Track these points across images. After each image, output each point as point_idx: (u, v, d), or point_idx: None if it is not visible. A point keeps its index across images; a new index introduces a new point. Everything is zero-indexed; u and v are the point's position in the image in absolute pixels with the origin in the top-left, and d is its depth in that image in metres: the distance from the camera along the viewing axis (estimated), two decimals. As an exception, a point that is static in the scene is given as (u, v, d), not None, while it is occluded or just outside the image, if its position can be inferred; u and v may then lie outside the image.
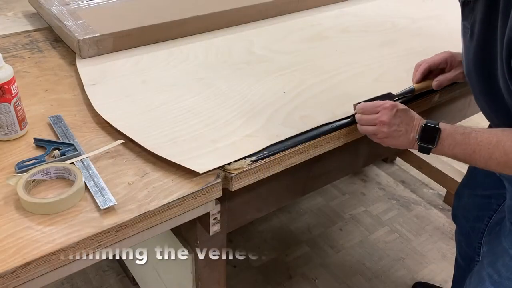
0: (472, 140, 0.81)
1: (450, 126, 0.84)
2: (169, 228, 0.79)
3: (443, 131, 0.83)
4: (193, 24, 1.25)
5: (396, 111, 0.85)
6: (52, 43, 1.22)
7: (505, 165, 0.80)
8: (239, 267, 1.72)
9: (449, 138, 0.83)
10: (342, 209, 2.02)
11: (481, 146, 0.80)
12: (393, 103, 0.86)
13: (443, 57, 0.98)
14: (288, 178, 0.97)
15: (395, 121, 0.85)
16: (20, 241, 0.65)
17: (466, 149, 0.82)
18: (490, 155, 0.80)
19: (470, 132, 0.82)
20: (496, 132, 0.81)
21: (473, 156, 0.82)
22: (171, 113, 0.94)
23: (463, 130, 0.83)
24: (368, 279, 1.71)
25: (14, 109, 0.83)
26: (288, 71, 1.11)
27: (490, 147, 0.80)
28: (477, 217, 1.19)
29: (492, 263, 0.97)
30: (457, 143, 0.83)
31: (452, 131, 0.83)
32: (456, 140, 0.83)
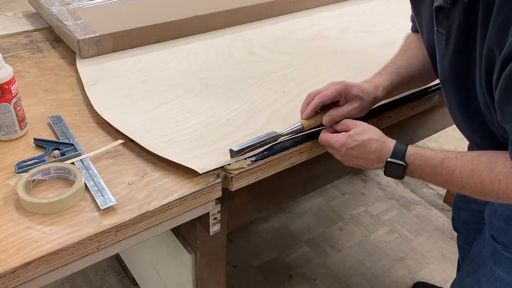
0: (443, 170, 0.78)
1: (418, 157, 0.79)
2: (169, 228, 0.79)
3: (410, 165, 0.79)
4: (193, 24, 1.25)
5: (346, 151, 0.82)
6: (52, 43, 1.22)
7: (480, 193, 0.77)
8: (239, 267, 1.72)
9: (419, 170, 0.80)
10: (342, 209, 2.02)
11: (454, 176, 0.77)
12: (342, 142, 0.82)
13: (337, 90, 0.87)
14: (288, 178, 0.97)
15: (348, 159, 0.84)
16: (20, 241, 0.65)
17: (438, 179, 0.79)
18: (463, 184, 0.77)
19: (442, 161, 0.78)
20: (471, 159, 0.76)
21: (446, 184, 0.80)
22: (171, 113, 0.94)
23: (433, 159, 0.78)
24: (368, 279, 1.71)
25: (14, 109, 0.83)
26: (288, 71, 1.11)
27: (463, 177, 0.76)
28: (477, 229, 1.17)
29: (472, 273, 0.96)
30: (428, 174, 0.80)
31: (422, 164, 0.79)
32: (426, 171, 0.79)
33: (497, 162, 0.74)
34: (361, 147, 0.81)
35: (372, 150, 0.81)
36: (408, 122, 1.13)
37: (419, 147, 0.81)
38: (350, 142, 0.82)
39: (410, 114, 1.06)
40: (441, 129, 1.34)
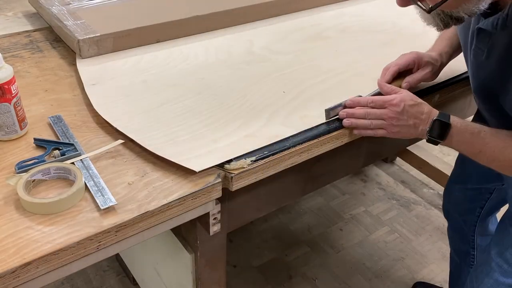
0: (480, 140, 0.84)
1: (461, 122, 0.86)
2: (169, 228, 0.79)
3: (453, 127, 0.85)
4: (193, 24, 1.25)
5: (404, 107, 0.86)
6: (52, 43, 1.22)
7: (507, 169, 0.85)
8: (239, 267, 1.72)
9: (459, 135, 0.85)
10: (342, 209, 2.02)
11: (488, 148, 0.83)
12: (401, 98, 0.87)
13: (411, 58, 0.99)
14: (288, 178, 0.97)
15: (403, 117, 0.86)
16: (20, 241, 0.65)
17: (473, 148, 0.85)
18: (494, 158, 0.84)
19: (479, 132, 0.84)
20: (504, 136, 0.83)
21: (478, 155, 0.86)
22: (171, 113, 0.94)
23: (472, 128, 0.85)
24: (368, 279, 1.71)
25: (14, 109, 0.83)
26: (288, 71, 1.11)
27: (495, 151, 0.83)
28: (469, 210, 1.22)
29: (500, 253, 0.98)
30: (465, 141, 0.86)
31: (463, 129, 0.85)
32: (465, 138, 0.85)
33: None
34: (416, 106, 0.86)
35: (424, 110, 0.87)
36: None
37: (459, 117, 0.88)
38: (408, 100, 0.86)
39: (410, 114, 1.06)
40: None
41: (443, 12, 0.78)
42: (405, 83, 0.97)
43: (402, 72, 0.99)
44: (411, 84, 0.98)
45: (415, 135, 0.89)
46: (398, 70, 0.98)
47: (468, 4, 0.74)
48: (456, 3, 0.74)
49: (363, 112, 0.89)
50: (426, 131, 0.87)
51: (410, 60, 0.98)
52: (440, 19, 0.81)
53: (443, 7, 0.75)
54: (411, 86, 0.98)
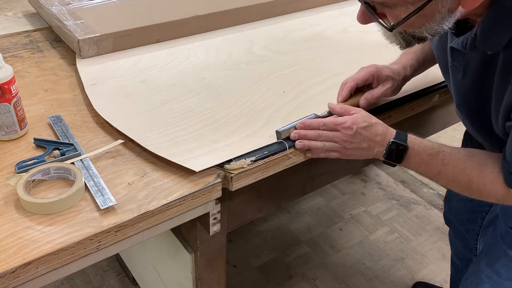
0: (439, 161, 0.81)
1: (418, 143, 0.82)
2: (169, 228, 0.79)
3: (410, 149, 0.81)
4: (193, 24, 1.25)
5: (356, 129, 0.82)
6: (52, 43, 1.22)
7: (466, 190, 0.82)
8: (239, 267, 1.72)
9: (416, 157, 0.82)
10: (342, 209, 2.02)
11: (447, 169, 0.81)
12: (353, 120, 0.82)
13: (369, 72, 0.93)
14: (288, 178, 0.97)
15: (356, 139, 0.82)
16: (20, 241, 0.65)
17: (431, 169, 0.82)
18: (453, 179, 0.81)
19: (438, 152, 0.81)
20: (463, 157, 0.81)
21: (437, 176, 0.83)
22: (171, 113, 0.94)
23: (431, 149, 0.82)
24: (368, 279, 1.71)
25: (14, 109, 0.83)
26: (288, 71, 1.11)
27: (455, 172, 0.80)
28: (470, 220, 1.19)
29: (490, 264, 0.96)
30: (423, 162, 0.82)
31: (420, 150, 0.82)
32: (423, 159, 0.82)
33: (486, 166, 0.79)
34: (369, 128, 0.82)
35: (379, 132, 0.83)
36: (408, 122, 1.13)
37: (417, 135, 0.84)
38: (361, 122, 0.82)
39: (410, 114, 1.06)
40: (441, 129, 1.34)
41: (405, 32, 0.76)
42: (363, 100, 0.93)
43: (360, 87, 0.94)
44: (369, 101, 0.93)
45: (371, 156, 0.85)
46: (356, 85, 0.93)
47: (432, 24, 0.71)
48: (419, 23, 0.71)
49: (315, 134, 0.84)
50: (382, 154, 0.83)
51: (368, 74, 0.93)
52: (402, 38, 0.78)
53: (405, 26, 0.72)
54: (370, 102, 0.93)
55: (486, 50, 0.73)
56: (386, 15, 0.73)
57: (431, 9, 0.68)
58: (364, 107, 0.92)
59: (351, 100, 0.93)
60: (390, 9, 0.71)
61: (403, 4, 0.68)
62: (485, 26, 0.71)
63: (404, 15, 0.69)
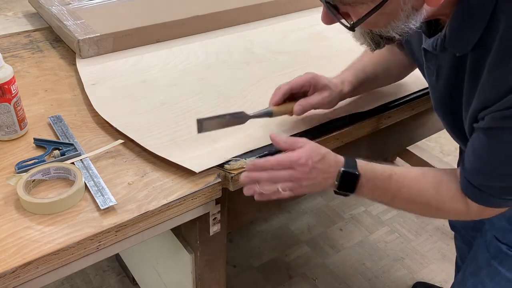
0: (392, 185, 0.78)
1: (369, 168, 0.78)
2: (169, 228, 0.79)
3: (362, 176, 0.76)
4: (193, 24, 1.25)
5: (312, 165, 0.75)
6: (52, 43, 1.22)
7: (425, 211, 0.80)
8: (239, 267, 1.72)
9: (369, 183, 0.77)
10: (342, 209, 2.02)
11: (402, 192, 0.78)
12: (307, 155, 0.75)
13: (306, 79, 0.88)
14: (288, 178, 0.97)
15: (311, 175, 0.76)
16: (20, 241, 0.66)
17: (386, 194, 0.79)
18: (411, 200, 0.78)
19: (391, 176, 0.78)
20: (418, 176, 0.78)
21: (393, 201, 0.80)
22: (171, 113, 0.94)
23: (382, 174, 0.78)
24: (368, 279, 1.71)
25: (14, 109, 0.83)
26: (288, 71, 1.11)
27: (411, 193, 0.77)
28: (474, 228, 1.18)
29: (475, 274, 0.96)
30: (377, 188, 0.78)
31: (372, 176, 0.77)
32: (376, 185, 0.78)
33: (442, 183, 0.77)
34: (323, 160, 0.76)
35: (332, 163, 0.77)
36: (408, 122, 1.13)
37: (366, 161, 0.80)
38: (314, 155, 0.75)
39: (410, 114, 1.06)
40: (441, 129, 1.34)
41: (371, 31, 0.72)
42: (298, 106, 0.87)
43: (296, 93, 0.90)
44: (304, 108, 0.88)
45: (324, 189, 0.79)
46: (290, 90, 0.88)
47: (397, 22, 0.67)
48: (383, 21, 0.68)
49: (268, 177, 0.75)
50: (335, 185, 0.77)
51: (305, 81, 0.88)
52: (370, 39, 0.74)
53: (368, 25, 0.69)
54: (305, 110, 0.88)
55: (454, 51, 0.71)
56: (350, 14, 0.70)
57: (392, 6, 0.65)
58: (298, 113, 0.88)
59: (284, 105, 0.89)
60: (351, 7, 0.68)
61: (363, 1, 0.65)
62: (452, 26, 0.69)
63: (365, 12, 0.66)
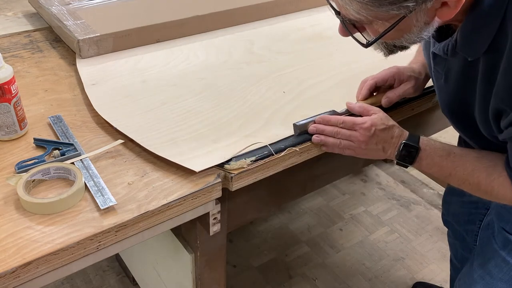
0: (449, 163, 0.82)
1: (430, 145, 0.84)
2: (169, 228, 0.79)
3: (422, 151, 0.83)
4: (193, 24, 1.25)
5: (374, 131, 0.84)
6: (52, 43, 1.22)
7: (475, 191, 0.83)
8: (239, 267, 1.72)
9: (428, 158, 0.83)
10: (342, 209, 2.02)
11: (457, 171, 0.82)
12: (372, 122, 0.84)
13: (391, 73, 0.95)
14: (288, 178, 0.97)
15: (372, 141, 0.84)
16: (20, 241, 0.65)
17: (442, 171, 0.84)
18: (464, 180, 0.82)
19: (449, 154, 0.83)
20: (473, 159, 0.82)
21: (449, 178, 0.84)
22: (171, 113, 0.94)
23: (441, 151, 0.83)
24: (368, 279, 1.71)
25: (14, 109, 0.83)
26: (288, 71, 1.11)
27: (465, 173, 0.81)
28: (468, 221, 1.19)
29: (483, 265, 0.96)
30: (435, 164, 0.84)
31: (432, 152, 0.83)
32: (434, 161, 0.83)
33: (495, 168, 0.79)
34: (387, 130, 0.84)
35: (394, 134, 0.84)
36: (408, 122, 1.12)
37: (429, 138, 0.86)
38: (379, 124, 0.84)
39: (410, 114, 1.06)
40: (441, 129, 1.34)
41: (385, 42, 0.77)
42: (385, 98, 0.94)
43: (380, 86, 0.96)
44: (391, 99, 0.94)
45: (384, 157, 0.87)
46: (375, 84, 0.94)
47: (410, 35, 0.71)
48: (397, 35, 0.72)
49: (333, 131, 0.86)
50: (395, 155, 0.85)
51: (389, 75, 0.95)
52: (384, 47, 0.79)
53: (383, 39, 0.73)
54: (392, 101, 0.94)
55: (466, 56, 0.73)
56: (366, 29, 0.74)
57: (406, 24, 0.68)
58: (386, 105, 0.94)
59: (371, 99, 0.94)
60: (367, 25, 0.72)
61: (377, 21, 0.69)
62: (464, 32, 0.71)
63: (381, 29, 0.70)
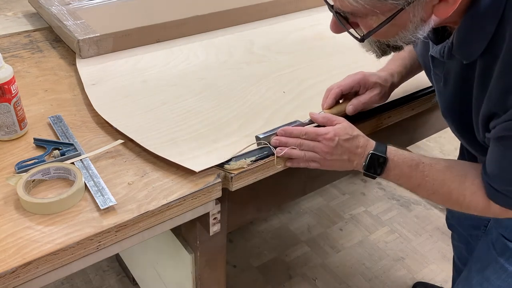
0: (419, 173, 0.80)
1: (398, 155, 0.82)
2: (169, 228, 0.79)
3: (390, 161, 0.81)
4: (193, 24, 1.25)
5: (338, 141, 0.81)
6: (52, 43, 1.22)
7: (446, 202, 0.82)
8: (239, 267, 1.72)
9: (396, 168, 0.81)
10: (342, 209, 2.02)
11: (427, 181, 0.80)
12: (335, 132, 0.81)
13: (356, 79, 0.92)
14: (288, 178, 0.97)
15: (337, 151, 0.81)
16: (20, 241, 0.65)
17: (411, 181, 0.81)
18: (434, 190, 0.80)
19: (418, 164, 0.81)
20: (443, 168, 0.80)
21: (418, 188, 0.82)
22: (171, 113, 0.94)
23: (410, 161, 0.81)
24: (368, 279, 1.71)
25: (14, 109, 0.83)
26: (288, 71, 1.11)
27: (435, 184, 0.80)
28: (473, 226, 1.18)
29: (481, 271, 0.95)
30: (403, 175, 0.81)
31: (400, 162, 0.81)
32: (403, 171, 0.81)
33: (467, 177, 0.78)
34: (351, 140, 0.82)
35: (359, 144, 0.82)
36: (408, 122, 1.13)
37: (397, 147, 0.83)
38: (343, 134, 0.81)
39: (410, 114, 1.06)
40: (441, 129, 1.34)
41: (379, 40, 0.74)
42: (350, 105, 0.91)
43: (346, 94, 0.93)
44: (356, 107, 0.91)
45: (351, 168, 0.84)
46: (341, 92, 0.92)
47: (405, 33, 0.69)
48: (392, 32, 0.70)
49: (296, 142, 0.83)
50: (362, 166, 0.82)
51: (355, 81, 0.92)
52: (377, 47, 0.76)
53: (378, 36, 0.70)
54: (357, 109, 0.92)
55: (462, 59, 0.72)
56: (359, 24, 0.72)
57: (402, 18, 0.66)
58: (350, 113, 0.91)
59: (337, 107, 0.91)
60: (361, 18, 0.70)
61: (373, 13, 0.67)
62: (460, 34, 0.70)
63: (375, 24, 0.68)
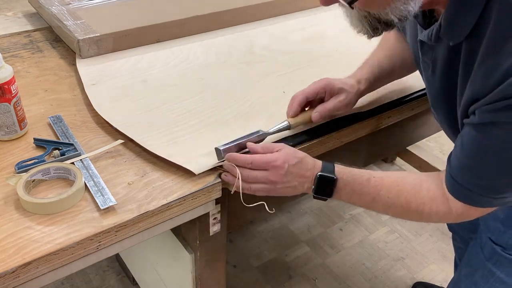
0: (371, 188, 0.78)
1: (346, 173, 0.79)
2: (169, 228, 0.79)
3: (339, 181, 0.78)
4: (193, 24, 1.25)
5: (288, 168, 0.77)
6: (52, 43, 1.22)
7: (405, 214, 0.80)
8: (239, 267, 1.72)
9: (347, 187, 0.79)
10: (342, 209, 2.02)
11: (381, 194, 0.78)
12: (284, 158, 0.77)
13: (321, 86, 0.89)
14: (288, 178, 0.97)
15: (287, 178, 0.77)
16: (20, 241, 0.66)
17: (364, 198, 0.79)
18: (390, 204, 0.78)
19: (369, 179, 0.78)
20: (396, 180, 0.79)
21: (372, 204, 0.80)
22: (171, 113, 0.94)
23: (360, 178, 0.79)
24: (368, 279, 1.71)
25: (14, 109, 0.83)
26: (288, 71, 1.11)
27: (390, 196, 0.78)
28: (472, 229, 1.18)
29: (470, 275, 0.95)
30: (355, 192, 0.79)
31: (350, 180, 0.78)
32: (354, 189, 0.79)
33: (421, 186, 0.77)
34: (299, 164, 0.78)
35: (308, 167, 0.79)
36: (408, 122, 1.13)
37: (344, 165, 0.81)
38: (291, 159, 0.77)
39: (410, 114, 1.06)
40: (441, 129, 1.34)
41: (369, 14, 0.70)
42: (316, 112, 0.88)
43: (312, 100, 0.91)
44: (322, 114, 0.88)
45: (301, 192, 0.81)
46: (306, 99, 0.89)
47: (396, 3, 0.66)
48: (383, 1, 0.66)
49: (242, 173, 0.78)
50: (312, 189, 0.79)
51: (319, 88, 0.89)
52: (367, 23, 0.72)
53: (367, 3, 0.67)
54: (322, 116, 0.89)
55: (449, 40, 0.70)
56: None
57: None
58: (316, 121, 0.89)
59: (301, 115, 0.89)
60: None
61: None
62: (448, 15, 0.68)
63: None
